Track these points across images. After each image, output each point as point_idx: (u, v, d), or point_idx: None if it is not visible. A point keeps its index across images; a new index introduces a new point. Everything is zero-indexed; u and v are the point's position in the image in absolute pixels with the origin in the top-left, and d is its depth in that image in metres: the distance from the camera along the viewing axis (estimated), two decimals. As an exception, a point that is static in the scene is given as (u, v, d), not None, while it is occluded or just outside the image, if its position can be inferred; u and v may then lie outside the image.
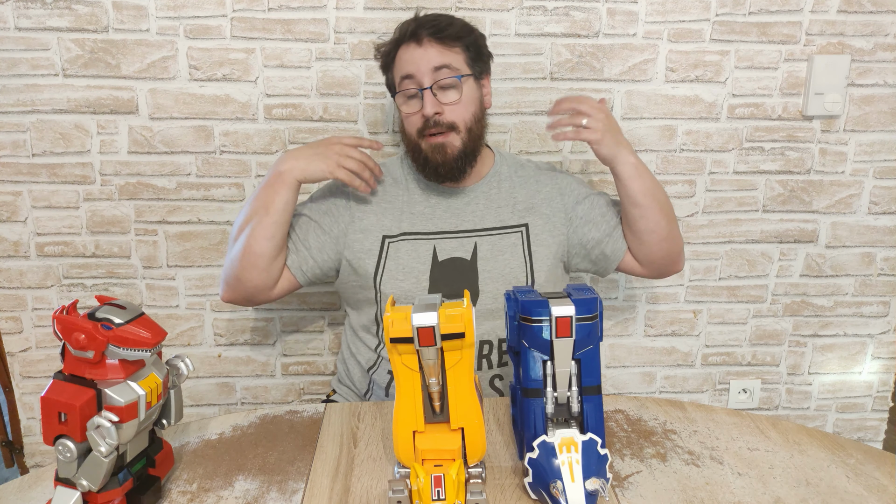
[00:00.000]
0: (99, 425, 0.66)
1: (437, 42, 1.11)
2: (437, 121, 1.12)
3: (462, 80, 1.12)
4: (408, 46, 1.13)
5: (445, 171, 1.15)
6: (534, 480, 0.72)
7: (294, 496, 0.77)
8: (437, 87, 1.11)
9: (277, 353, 1.56)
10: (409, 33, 1.13)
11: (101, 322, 0.68)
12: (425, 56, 1.11)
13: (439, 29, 1.12)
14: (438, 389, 0.72)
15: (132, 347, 0.68)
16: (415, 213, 1.19)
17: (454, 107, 1.12)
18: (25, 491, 0.80)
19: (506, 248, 1.17)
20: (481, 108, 1.18)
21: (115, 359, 0.68)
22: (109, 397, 0.68)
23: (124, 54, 1.36)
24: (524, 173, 1.25)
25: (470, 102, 1.14)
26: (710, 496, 0.76)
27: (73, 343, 0.67)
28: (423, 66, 1.11)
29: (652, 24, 1.41)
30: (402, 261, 1.15)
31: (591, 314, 0.74)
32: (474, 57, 1.16)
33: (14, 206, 1.42)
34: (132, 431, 0.70)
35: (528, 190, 1.22)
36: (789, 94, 1.47)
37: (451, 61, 1.12)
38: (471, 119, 1.14)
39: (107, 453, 0.67)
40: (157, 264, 1.48)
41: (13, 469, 1.57)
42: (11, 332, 1.49)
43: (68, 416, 0.67)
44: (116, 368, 0.69)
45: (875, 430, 1.69)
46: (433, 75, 1.11)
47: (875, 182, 1.52)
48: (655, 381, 1.63)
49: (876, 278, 1.58)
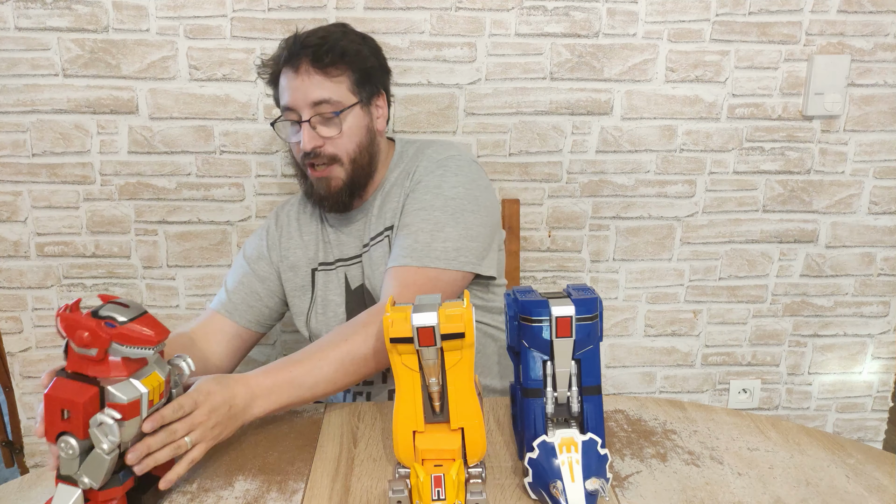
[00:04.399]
0: (101, 422, 0.66)
1: (316, 71, 1.03)
2: (318, 152, 1.05)
3: (342, 115, 1.04)
4: (286, 73, 1.05)
5: (330, 205, 1.09)
6: (534, 480, 0.72)
7: (294, 496, 0.77)
8: (315, 121, 1.04)
9: (277, 354, 1.56)
10: (286, 59, 1.05)
11: (104, 320, 0.68)
12: (302, 87, 1.03)
13: (318, 56, 1.03)
14: (438, 389, 0.72)
15: (135, 345, 0.68)
16: (327, 241, 1.16)
17: (336, 140, 1.05)
18: (25, 491, 0.80)
19: (379, 258, 1.09)
20: (370, 135, 1.09)
21: (118, 356, 0.68)
22: (112, 395, 0.68)
23: (124, 54, 1.36)
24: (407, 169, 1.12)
25: (353, 134, 1.06)
26: (710, 496, 0.76)
27: (76, 341, 0.67)
28: (301, 99, 1.03)
29: (652, 24, 1.41)
30: (323, 294, 1.14)
31: (591, 314, 0.74)
32: (361, 80, 1.07)
33: (14, 206, 1.42)
34: (134, 429, 0.70)
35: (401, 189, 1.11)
36: (789, 94, 1.47)
37: (332, 94, 1.03)
38: (354, 150, 1.06)
39: (109, 451, 0.67)
40: (157, 264, 1.48)
41: (13, 469, 1.57)
42: (11, 332, 1.49)
43: (71, 413, 0.67)
44: (119, 366, 0.69)
45: (875, 430, 1.69)
46: (311, 109, 1.03)
47: (875, 182, 1.52)
48: (655, 381, 1.63)
49: (876, 278, 1.58)
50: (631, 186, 1.50)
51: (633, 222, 1.53)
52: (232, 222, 1.47)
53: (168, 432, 0.74)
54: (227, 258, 1.48)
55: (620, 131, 1.47)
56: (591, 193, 1.50)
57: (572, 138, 1.47)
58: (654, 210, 1.52)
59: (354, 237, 1.14)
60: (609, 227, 1.52)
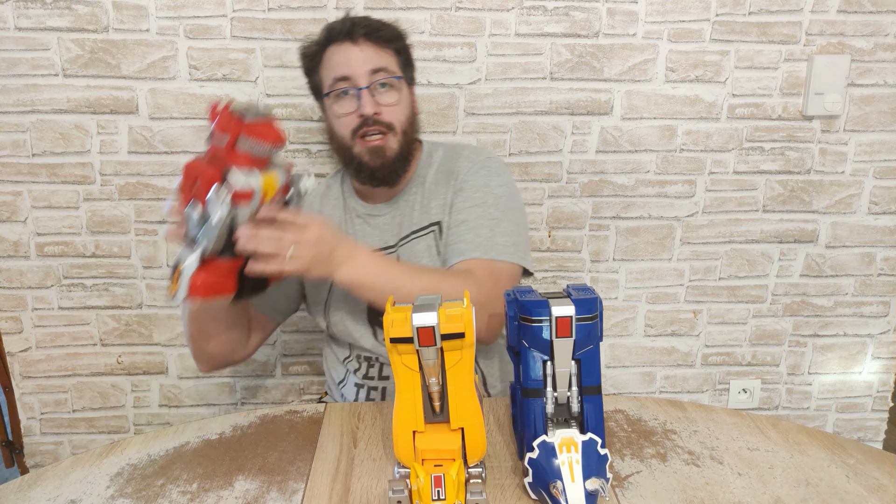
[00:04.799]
0: (216, 194, 0.78)
1: (372, 43, 1.08)
2: (376, 120, 1.06)
3: (399, 81, 1.09)
4: (341, 46, 1.08)
5: (383, 175, 1.10)
6: (534, 480, 0.72)
7: (294, 496, 0.77)
8: (374, 88, 1.07)
9: (277, 353, 1.56)
10: (344, 32, 1.08)
11: (238, 115, 0.81)
12: (361, 56, 1.06)
13: (374, 29, 1.08)
14: (438, 389, 0.72)
15: (258, 140, 0.80)
16: (353, 232, 1.16)
17: (392, 108, 1.08)
18: (25, 491, 0.80)
19: (422, 251, 1.11)
20: (413, 114, 1.14)
21: (246, 150, 0.80)
22: (231, 177, 0.79)
23: (124, 54, 1.36)
24: (441, 169, 1.15)
25: (406, 105, 1.11)
26: (710, 496, 0.76)
27: (216, 127, 0.81)
28: (359, 66, 1.06)
29: (652, 24, 1.41)
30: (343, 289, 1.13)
31: (591, 314, 0.74)
32: (405, 62, 1.13)
33: (14, 206, 1.42)
34: (244, 216, 0.81)
35: (439, 186, 1.14)
36: (789, 94, 1.47)
37: (388, 63, 1.08)
38: (406, 122, 1.10)
39: (217, 220, 0.79)
40: (157, 264, 1.48)
41: (13, 469, 1.57)
42: (11, 332, 1.49)
43: (200, 182, 0.79)
44: (245, 159, 0.81)
45: (875, 430, 1.69)
46: (370, 77, 1.06)
47: (875, 182, 1.52)
48: (655, 381, 1.63)
49: (876, 278, 1.58)
50: (631, 186, 1.50)
51: (633, 222, 1.53)
52: (232, 222, 1.47)
53: (278, 231, 0.83)
54: (227, 258, 1.48)
55: (620, 131, 1.47)
56: (591, 193, 1.50)
57: (572, 138, 1.47)
58: (654, 210, 1.52)
59: (384, 230, 1.15)
60: (609, 227, 1.52)
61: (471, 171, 1.12)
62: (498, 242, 1.05)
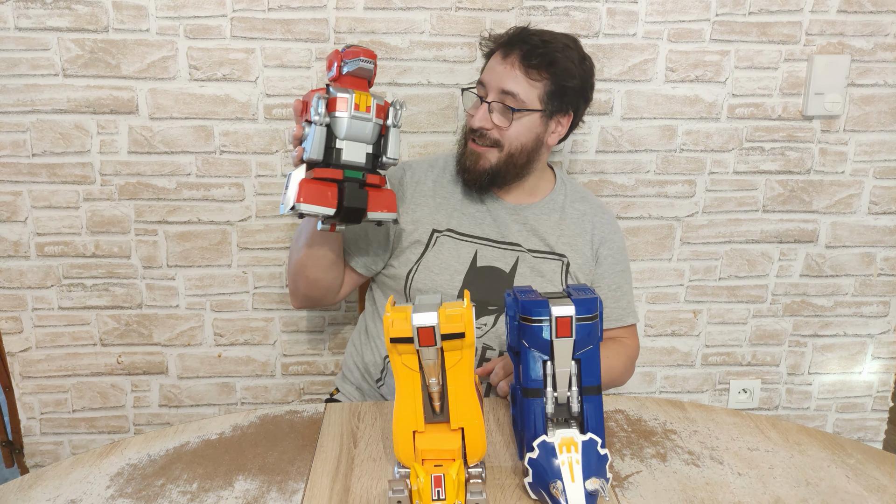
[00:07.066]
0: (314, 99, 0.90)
1: (520, 66, 1.10)
2: (483, 133, 1.13)
3: (517, 114, 1.10)
4: (497, 54, 1.13)
5: (470, 178, 1.16)
6: (534, 480, 0.72)
7: (294, 496, 0.77)
8: (494, 106, 1.11)
9: (277, 353, 1.56)
10: (504, 43, 1.13)
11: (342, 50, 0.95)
12: (502, 73, 1.11)
13: (528, 55, 1.09)
14: (438, 389, 0.72)
15: (353, 58, 0.93)
16: (465, 213, 1.19)
17: (502, 130, 1.12)
18: (25, 491, 0.80)
19: (546, 271, 1.17)
20: (536, 143, 1.14)
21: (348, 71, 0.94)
22: (332, 91, 0.93)
23: (124, 54, 1.36)
24: (579, 208, 1.23)
25: (521, 134, 1.12)
26: (710, 496, 0.76)
27: (326, 66, 0.98)
28: (494, 81, 1.11)
29: (652, 24, 1.41)
30: (442, 256, 1.16)
31: (591, 314, 0.74)
32: (554, 93, 1.11)
33: (14, 206, 1.42)
34: (342, 124, 0.92)
35: (576, 227, 1.21)
36: (789, 94, 1.47)
37: (521, 91, 1.09)
38: (516, 147, 1.13)
39: (317, 122, 0.90)
40: (157, 264, 1.48)
41: (13, 469, 1.57)
42: (11, 332, 1.49)
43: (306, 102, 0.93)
44: (348, 81, 0.95)
45: (875, 430, 1.69)
46: (498, 95, 1.11)
47: (875, 182, 1.52)
48: (655, 381, 1.63)
49: (876, 278, 1.58)
50: (631, 186, 1.50)
51: (633, 222, 1.53)
52: (232, 222, 1.47)
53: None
54: (227, 258, 1.49)
55: (620, 131, 1.47)
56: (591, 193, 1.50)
57: (571, 138, 1.47)
58: (654, 210, 1.52)
59: (499, 224, 1.19)
60: (609, 227, 1.52)
61: (613, 230, 1.24)
62: (634, 308, 1.26)
